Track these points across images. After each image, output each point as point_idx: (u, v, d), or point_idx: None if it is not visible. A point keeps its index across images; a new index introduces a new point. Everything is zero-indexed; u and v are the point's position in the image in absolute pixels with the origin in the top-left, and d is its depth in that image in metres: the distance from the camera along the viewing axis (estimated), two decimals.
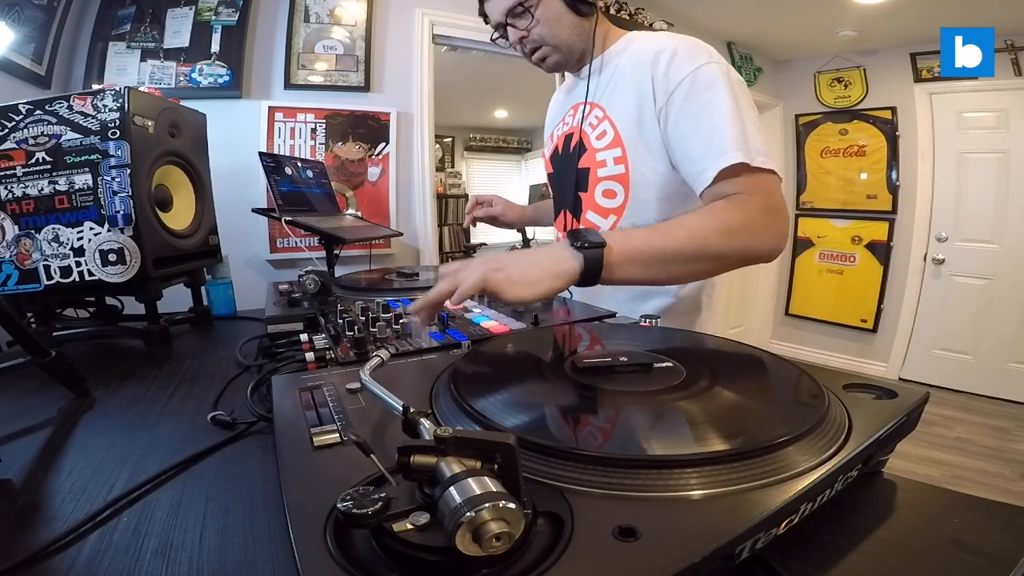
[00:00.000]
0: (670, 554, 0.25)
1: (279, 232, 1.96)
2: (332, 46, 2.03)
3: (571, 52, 0.91)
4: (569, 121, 0.99)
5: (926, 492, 0.40)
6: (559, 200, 1.03)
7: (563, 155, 0.99)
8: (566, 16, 0.88)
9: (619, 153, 0.87)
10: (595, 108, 0.92)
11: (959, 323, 3.15)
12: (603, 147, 0.89)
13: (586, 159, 0.92)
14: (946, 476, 2.24)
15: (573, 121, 0.97)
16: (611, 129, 0.88)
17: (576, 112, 0.96)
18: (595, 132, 0.91)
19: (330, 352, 0.62)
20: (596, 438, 0.40)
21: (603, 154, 0.89)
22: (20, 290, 0.88)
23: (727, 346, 0.61)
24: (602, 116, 0.90)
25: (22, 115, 0.86)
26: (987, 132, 2.99)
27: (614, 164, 0.87)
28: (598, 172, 0.90)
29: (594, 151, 0.90)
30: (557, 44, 0.90)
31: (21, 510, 0.43)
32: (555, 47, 0.90)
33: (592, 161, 0.91)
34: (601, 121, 0.90)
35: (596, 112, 0.91)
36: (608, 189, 0.89)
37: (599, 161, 0.90)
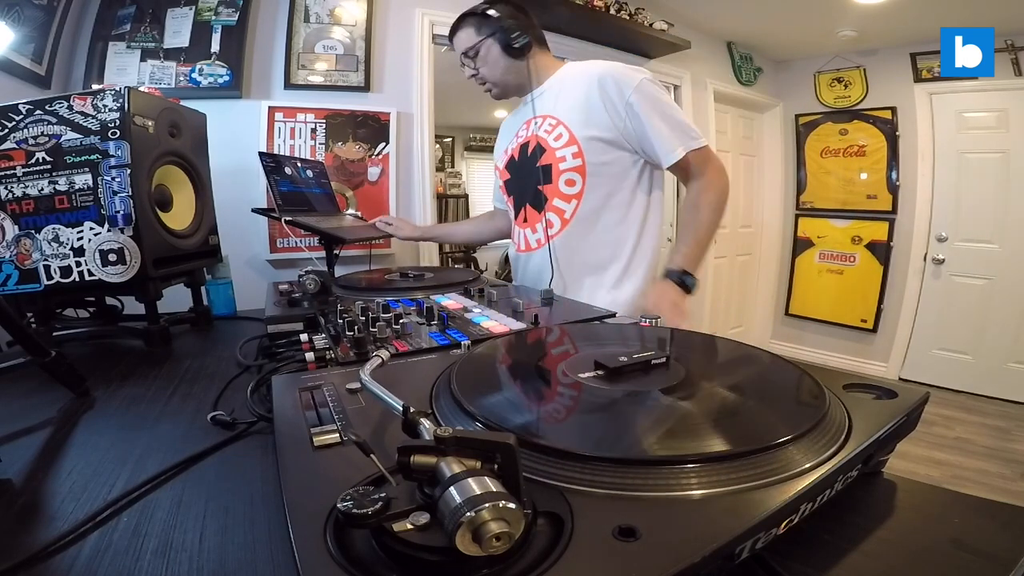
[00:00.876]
0: (670, 554, 0.25)
1: (279, 232, 1.96)
2: (332, 46, 2.03)
3: (508, 86, 1.20)
4: (523, 134, 1.22)
5: (926, 492, 0.40)
6: (518, 200, 1.24)
7: (519, 161, 1.22)
8: (502, 60, 1.15)
9: (575, 149, 1.10)
10: (547, 119, 1.16)
11: (959, 323, 3.15)
12: (561, 146, 1.11)
13: (546, 157, 1.14)
14: (946, 476, 2.24)
15: (527, 133, 1.20)
16: (566, 132, 1.11)
17: (528, 126, 1.20)
18: (551, 135, 1.13)
19: (330, 352, 0.62)
20: (596, 438, 0.40)
21: (562, 151, 1.11)
22: (20, 290, 0.88)
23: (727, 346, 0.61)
24: (556, 123, 1.13)
25: (22, 115, 0.86)
26: (987, 132, 2.99)
27: (572, 158, 1.10)
28: (559, 166, 1.12)
29: (554, 150, 1.13)
30: (495, 81, 1.19)
31: (21, 510, 0.43)
32: (494, 83, 1.20)
33: (553, 158, 1.13)
34: (556, 127, 1.13)
35: (549, 121, 1.15)
36: (569, 179, 1.12)
37: (559, 157, 1.12)
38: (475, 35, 1.15)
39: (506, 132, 1.34)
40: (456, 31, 1.19)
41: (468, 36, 1.16)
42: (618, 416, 0.43)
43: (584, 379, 0.47)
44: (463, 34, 1.17)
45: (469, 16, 1.17)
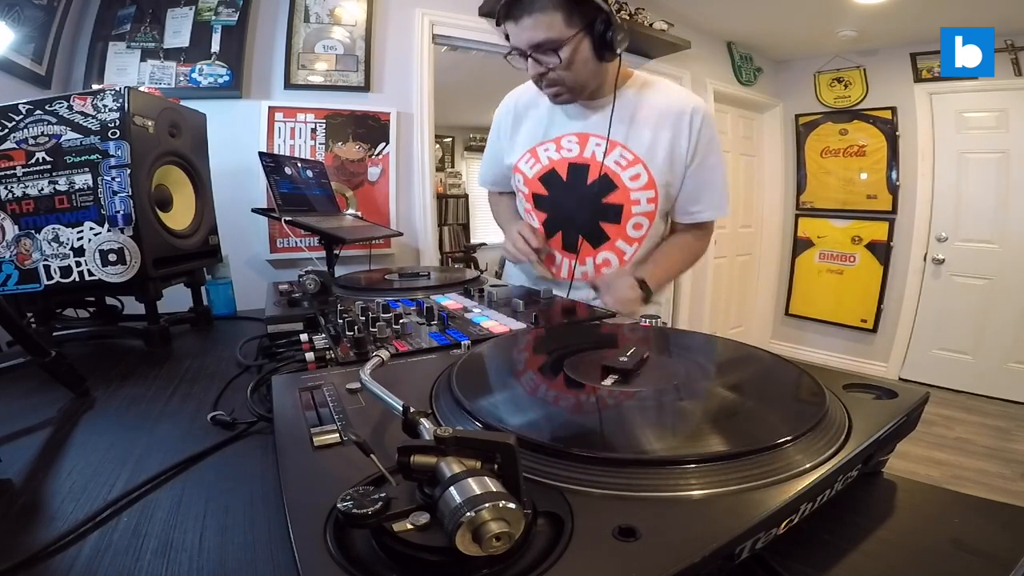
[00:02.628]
0: (670, 554, 0.25)
1: (279, 232, 1.96)
2: (332, 46, 2.03)
3: (584, 92, 0.98)
4: (572, 149, 1.05)
5: (926, 492, 0.40)
6: (558, 221, 1.10)
7: (568, 182, 1.06)
8: (591, 61, 0.93)
9: (652, 195, 1.02)
10: (618, 147, 1.01)
11: (959, 323, 3.15)
12: (638, 188, 1.01)
13: (618, 196, 1.03)
14: (946, 476, 2.24)
15: (582, 151, 1.04)
16: (645, 173, 1.01)
17: (584, 143, 1.03)
18: (626, 172, 1.01)
19: (330, 352, 0.62)
20: (596, 438, 0.40)
21: (638, 194, 1.02)
22: (20, 290, 0.88)
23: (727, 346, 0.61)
24: (632, 159, 1.01)
25: (22, 115, 0.86)
26: (987, 132, 2.99)
27: (647, 203, 1.02)
28: (632, 209, 1.03)
29: (628, 190, 1.02)
30: (574, 86, 0.95)
31: (21, 510, 0.43)
32: (571, 88, 0.96)
33: (626, 199, 1.02)
34: (632, 164, 1.01)
35: (622, 153, 1.01)
36: (638, 223, 1.04)
37: (634, 200, 1.02)
38: (564, 25, 0.87)
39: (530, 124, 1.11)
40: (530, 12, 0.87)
41: (552, 24, 0.87)
42: (618, 416, 0.43)
43: (584, 379, 0.47)
44: (545, 19, 0.86)
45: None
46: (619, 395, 0.44)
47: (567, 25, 0.87)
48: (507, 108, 1.16)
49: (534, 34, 0.88)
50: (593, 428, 0.41)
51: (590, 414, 0.44)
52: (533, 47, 0.90)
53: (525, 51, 0.91)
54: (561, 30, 0.87)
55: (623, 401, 0.44)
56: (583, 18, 0.88)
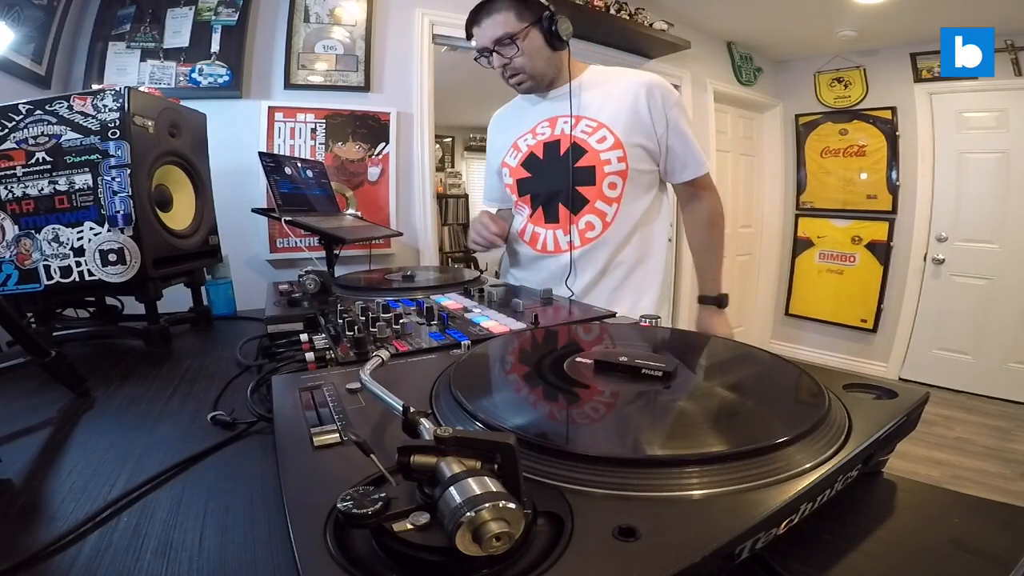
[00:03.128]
0: (670, 554, 0.25)
1: (279, 232, 1.96)
2: (332, 46, 2.03)
3: (543, 79, 1.14)
4: (545, 131, 1.17)
5: (926, 492, 0.40)
6: (539, 199, 1.19)
7: (545, 159, 1.16)
8: (544, 50, 1.09)
9: (620, 154, 1.09)
10: (583, 119, 1.12)
11: (959, 323, 3.15)
12: (605, 148, 1.10)
13: (588, 159, 1.11)
14: (946, 476, 2.24)
15: (552, 131, 1.15)
16: (611, 135, 1.10)
17: (554, 124, 1.15)
18: (592, 137, 1.11)
19: (330, 352, 0.62)
20: (596, 438, 0.40)
21: (607, 154, 1.10)
22: (20, 290, 0.88)
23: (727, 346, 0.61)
24: (596, 125, 1.11)
25: (22, 115, 0.86)
26: (987, 132, 2.99)
27: (617, 162, 1.10)
28: (604, 168, 1.10)
29: (597, 152, 1.10)
30: (533, 73, 1.11)
31: (21, 510, 0.43)
32: (531, 75, 1.11)
33: (597, 160, 1.10)
34: (597, 129, 1.11)
35: (587, 122, 1.12)
36: (612, 182, 1.11)
37: (604, 160, 1.10)
38: (516, 20, 1.05)
39: (508, 126, 1.27)
40: (487, 14, 1.07)
41: (507, 21, 1.05)
42: (618, 416, 0.43)
43: (584, 379, 0.47)
44: (500, 17, 1.05)
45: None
46: (619, 395, 0.44)
47: (519, 20, 1.05)
48: (494, 123, 1.35)
49: (493, 31, 1.07)
50: (593, 428, 0.41)
51: (590, 414, 0.44)
52: (495, 41, 1.07)
53: (490, 48, 1.09)
54: (514, 24, 1.05)
55: (623, 401, 0.44)
56: (531, 14, 1.06)
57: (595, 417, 0.43)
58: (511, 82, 1.14)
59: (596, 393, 0.45)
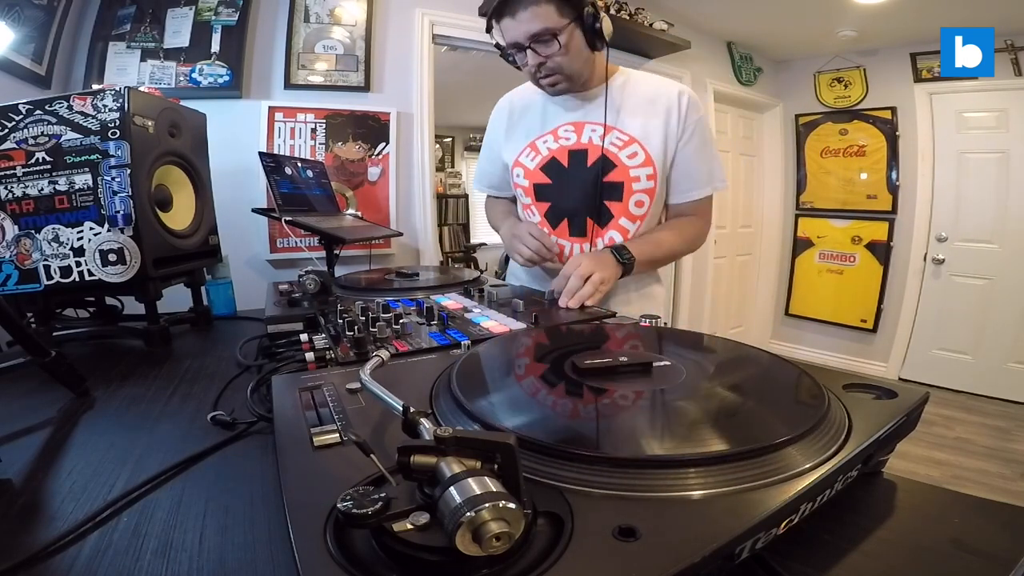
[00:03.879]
0: (670, 554, 0.25)
1: (279, 232, 1.96)
2: (332, 46, 2.03)
3: (579, 81, 1.05)
4: (570, 137, 1.10)
5: (926, 492, 0.40)
6: (563, 208, 1.12)
7: (570, 168, 1.09)
8: (584, 50, 1.01)
9: (651, 171, 1.05)
10: (613, 131, 1.06)
11: (959, 323, 3.15)
12: (636, 165, 1.05)
13: (618, 174, 1.06)
14: (946, 476, 2.24)
15: (579, 138, 1.09)
16: (642, 152, 1.05)
17: (580, 131, 1.09)
18: (623, 152, 1.05)
19: (330, 352, 0.62)
20: (596, 438, 0.40)
21: (637, 171, 1.05)
22: (20, 290, 0.88)
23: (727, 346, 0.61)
24: (628, 139, 1.06)
25: (22, 115, 0.86)
26: (987, 132, 2.99)
27: (646, 180, 1.05)
28: (633, 186, 1.06)
29: (627, 168, 1.05)
30: (571, 73, 1.02)
31: (21, 510, 0.43)
32: (568, 76, 1.02)
33: (626, 176, 1.05)
34: (628, 144, 1.05)
35: (618, 135, 1.06)
36: (639, 200, 1.07)
37: (633, 176, 1.05)
38: (557, 15, 0.95)
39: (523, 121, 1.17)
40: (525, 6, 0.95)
41: (547, 15, 0.95)
42: (618, 416, 0.43)
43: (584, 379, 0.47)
44: (540, 10, 0.95)
45: None
46: (619, 395, 0.44)
47: (560, 15, 0.96)
48: (502, 108, 1.22)
49: (531, 25, 0.96)
50: (593, 428, 0.41)
51: (590, 414, 0.44)
52: (532, 37, 0.97)
53: (524, 44, 0.98)
54: (556, 19, 0.96)
55: (623, 401, 0.44)
56: (572, 9, 0.97)
57: (595, 417, 0.43)
58: (544, 83, 1.04)
59: (596, 393, 0.45)
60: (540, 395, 0.48)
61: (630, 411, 0.43)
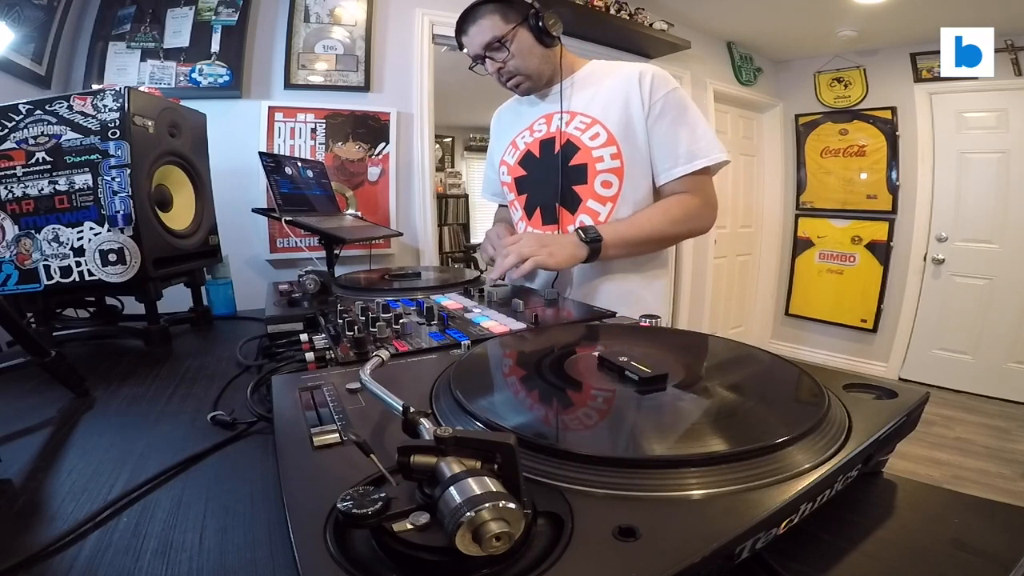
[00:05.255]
0: (670, 554, 0.25)
1: (279, 232, 1.96)
2: (332, 46, 2.03)
3: (540, 78, 1.10)
4: (541, 129, 1.14)
5: (926, 492, 0.40)
6: (536, 197, 1.15)
7: (541, 158, 1.13)
8: (536, 48, 1.06)
9: (614, 150, 1.04)
10: (577, 116, 1.08)
11: (959, 323, 3.15)
12: (598, 145, 1.05)
13: (580, 156, 1.07)
14: (946, 476, 2.24)
15: (548, 128, 1.12)
16: (604, 131, 1.05)
17: (550, 121, 1.12)
18: (585, 134, 1.06)
19: (330, 352, 0.62)
20: (596, 438, 0.40)
21: (599, 151, 1.05)
22: (20, 290, 0.88)
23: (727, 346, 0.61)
24: (590, 121, 1.07)
25: (22, 115, 0.86)
26: (987, 132, 2.99)
27: (611, 159, 1.04)
28: (596, 166, 1.05)
29: (589, 149, 1.06)
30: (528, 73, 1.08)
31: (21, 510, 0.43)
32: (527, 75, 1.08)
33: (589, 157, 1.06)
34: (590, 126, 1.06)
35: (581, 119, 1.08)
36: (606, 180, 1.06)
37: (596, 157, 1.05)
38: (502, 22, 1.02)
39: (509, 124, 1.24)
40: (473, 21, 1.04)
41: (492, 24, 1.02)
42: (618, 416, 0.43)
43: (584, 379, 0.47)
44: (486, 22, 1.03)
45: (488, 3, 1.03)
46: (619, 395, 0.44)
47: (504, 22, 1.03)
48: (495, 121, 1.32)
49: (481, 37, 1.04)
50: (593, 428, 0.41)
51: (590, 414, 0.44)
52: (485, 47, 1.05)
53: (482, 54, 1.07)
54: (501, 27, 1.03)
55: (623, 401, 0.44)
56: (517, 14, 1.03)
57: (595, 417, 0.43)
58: (508, 85, 1.11)
59: (596, 393, 0.45)
60: (540, 395, 0.48)
61: (630, 410, 0.43)
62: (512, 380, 0.53)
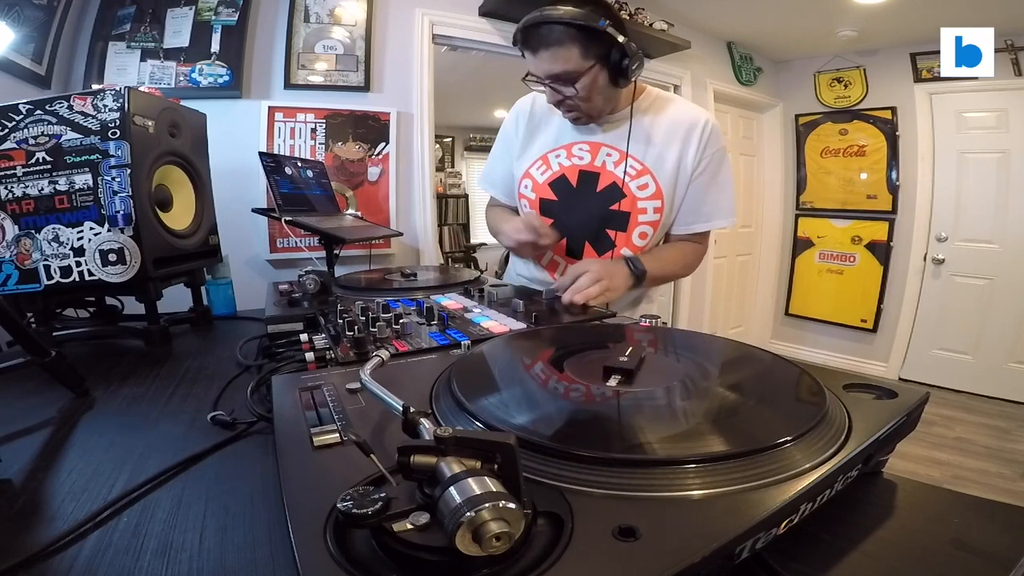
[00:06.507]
0: (670, 554, 0.25)
1: (279, 232, 1.96)
2: (332, 46, 2.03)
3: (600, 115, 1.03)
4: (584, 157, 1.07)
5: (926, 492, 0.40)
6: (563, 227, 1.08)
7: (579, 189, 1.07)
8: (606, 89, 0.96)
9: (659, 204, 1.04)
10: (628, 159, 1.03)
11: (959, 323, 3.15)
12: (645, 197, 1.03)
13: (626, 204, 1.04)
14: (946, 476, 2.24)
15: (592, 160, 1.06)
16: (653, 183, 1.03)
17: (595, 153, 1.06)
18: (636, 183, 1.04)
19: (330, 352, 0.62)
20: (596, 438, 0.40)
21: (645, 203, 1.04)
22: (20, 290, 0.88)
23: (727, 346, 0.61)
24: (641, 169, 1.04)
25: (22, 115, 0.86)
26: (987, 132, 2.99)
27: (653, 212, 1.04)
28: (639, 217, 1.04)
29: (635, 199, 1.04)
30: (590, 111, 1.00)
31: (21, 510, 0.43)
32: (587, 113, 1.01)
33: (633, 207, 1.04)
34: (641, 174, 1.03)
35: (632, 164, 1.04)
36: (643, 232, 1.06)
37: (640, 208, 1.04)
38: (580, 58, 0.89)
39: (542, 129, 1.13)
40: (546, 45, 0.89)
41: (568, 57, 0.89)
42: (618, 416, 0.43)
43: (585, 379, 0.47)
44: (562, 52, 0.88)
45: (570, 27, 0.87)
46: (619, 395, 0.44)
47: (583, 58, 0.89)
48: (523, 110, 1.15)
49: (552, 66, 0.91)
50: (593, 428, 0.41)
51: (590, 414, 0.44)
52: (551, 77, 0.93)
53: (543, 80, 0.94)
54: (578, 63, 0.89)
55: (623, 401, 0.44)
56: (599, 50, 0.89)
57: (595, 417, 0.43)
58: (565, 115, 1.04)
59: (596, 393, 0.45)
60: (540, 395, 0.48)
61: (631, 411, 0.43)
62: (512, 380, 0.53)
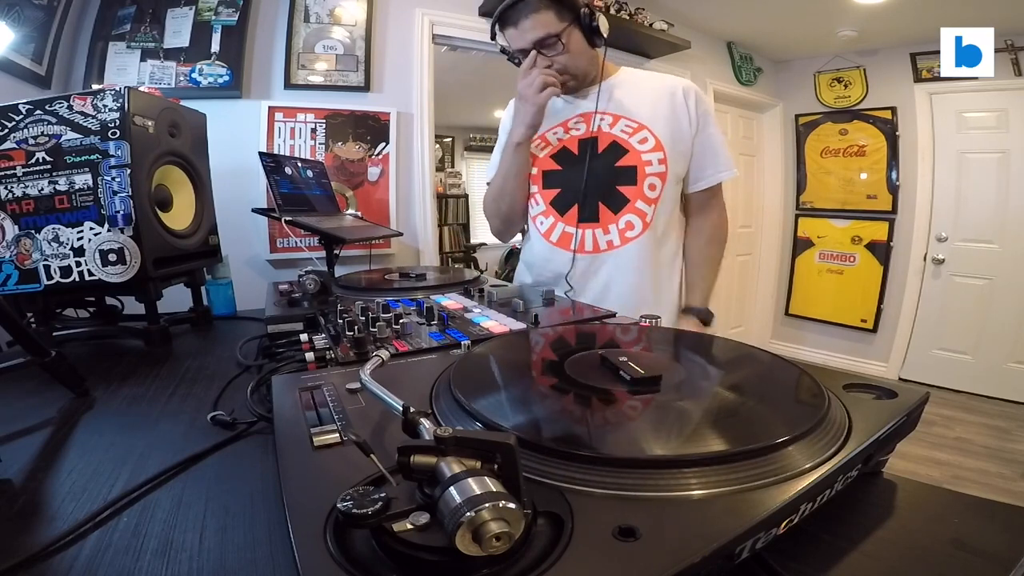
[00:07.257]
0: (670, 554, 0.25)
1: (279, 232, 1.96)
2: (332, 46, 2.03)
3: (586, 78, 1.13)
4: (579, 127, 1.15)
5: (926, 492, 0.40)
6: (572, 194, 1.14)
7: (581, 155, 1.13)
8: (586, 49, 1.09)
9: (661, 156, 1.09)
10: (622, 119, 1.12)
11: (959, 323, 3.15)
12: (647, 150, 1.09)
13: (630, 159, 1.10)
14: (946, 476, 2.24)
15: (588, 127, 1.13)
16: (651, 137, 1.09)
17: (589, 121, 1.13)
18: (633, 137, 1.10)
19: (330, 352, 0.62)
20: (596, 438, 0.40)
21: (648, 155, 1.09)
22: (20, 290, 0.88)
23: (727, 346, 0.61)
24: (637, 126, 1.11)
25: (22, 115, 0.86)
26: (987, 132, 2.99)
27: (658, 164, 1.09)
28: (646, 169, 1.09)
29: (638, 152, 1.10)
30: (576, 72, 1.10)
31: (21, 510, 0.43)
32: (574, 75, 1.10)
33: (638, 160, 1.09)
34: (638, 130, 1.10)
35: (626, 122, 1.11)
36: (652, 183, 1.10)
37: (645, 160, 1.09)
38: (557, 20, 1.03)
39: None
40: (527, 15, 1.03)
41: (548, 21, 1.02)
42: (618, 416, 0.43)
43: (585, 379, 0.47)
44: (541, 17, 1.02)
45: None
46: (619, 395, 0.44)
47: (559, 19, 1.03)
48: None
49: (535, 33, 1.03)
50: (593, 428, 0.41)
51: (590, 414, 0.44)
52: (537, 43, 1.04)
53: (529, 49, 1.05)
54: (556, 24, 1.03)
55: (623, 401, 0.44)
56: (570, 12, 1.04)
57: (595, 417, 0.43)
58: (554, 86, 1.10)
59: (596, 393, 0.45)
60: (540, 395, 0.48)
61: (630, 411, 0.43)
62: (512, 380, 0.53)
